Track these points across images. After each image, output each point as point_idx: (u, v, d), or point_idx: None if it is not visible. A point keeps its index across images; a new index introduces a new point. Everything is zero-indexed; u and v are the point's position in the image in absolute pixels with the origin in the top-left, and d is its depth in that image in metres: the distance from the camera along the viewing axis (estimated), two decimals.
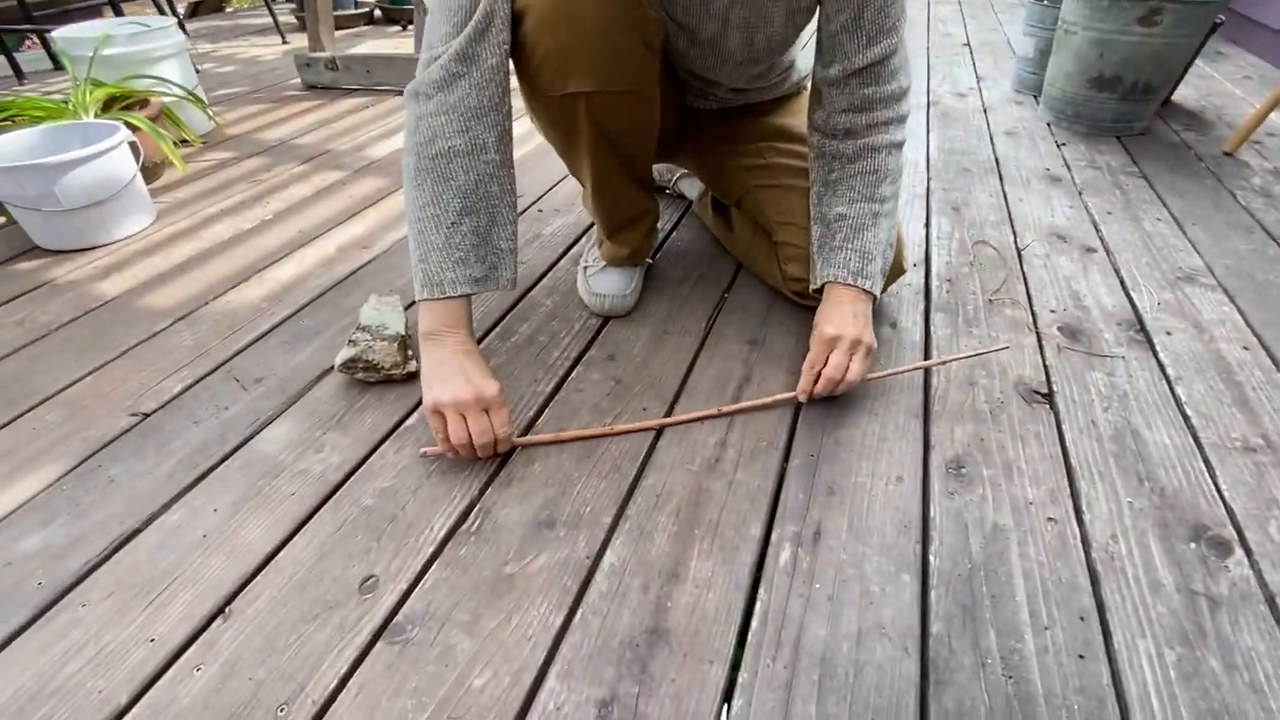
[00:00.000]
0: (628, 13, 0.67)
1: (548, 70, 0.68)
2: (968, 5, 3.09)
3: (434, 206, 0.67)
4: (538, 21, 0.65)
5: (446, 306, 0.68)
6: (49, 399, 0.80)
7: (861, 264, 0.75)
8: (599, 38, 0.66)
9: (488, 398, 0.66)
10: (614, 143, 0.78)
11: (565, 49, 0.67)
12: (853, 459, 0.70)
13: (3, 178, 1.03)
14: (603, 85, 0.70)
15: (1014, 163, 1.42)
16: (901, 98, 0.74)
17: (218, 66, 2.25)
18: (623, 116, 0.75)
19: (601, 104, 0.72)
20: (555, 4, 0.64)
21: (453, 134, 0.65)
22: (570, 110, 0.72)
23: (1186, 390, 0.79)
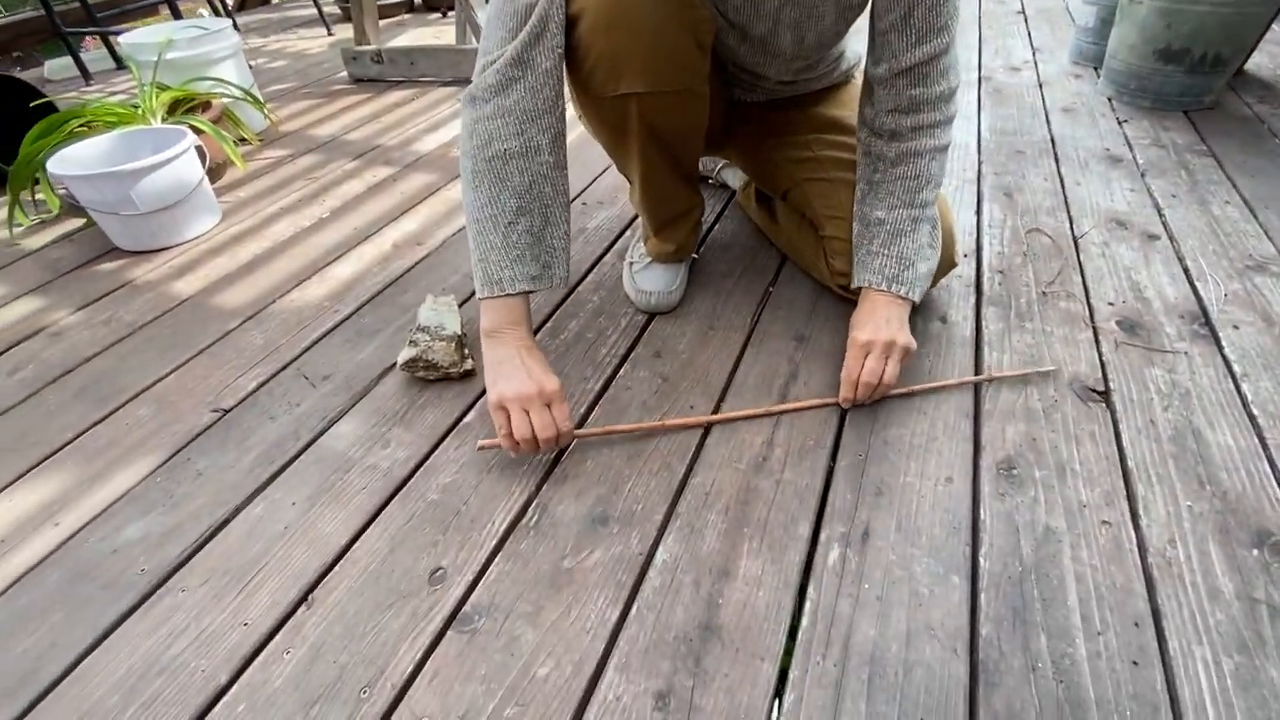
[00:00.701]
0: (680, 13, 0.67)
1: (600, 72, 0.69)
2: None
3: (491, 207, 0.69)
4: (591, 25, 0.66)
5: (506, 304, 0.71)
6: (139, 395, 0.87)
7: (898, 270, 0.75)
8: (651, 39, 0.67)
9: (549, 392, 0.68)
10: (663, 142, 0.79)
11: (617, 51, 0.67)
12: (901, 459, 0.71)
13: (84, 185, 1.10)
14: (654, 86, 0.71)
15: (1071, 142, 1.36)
16: (949, 99, 0.73)
17: (269, 62, 2.31)
18: (673, 116, 0.76)
19: (653, 104, 0.73)
20: (608, 7, 0.64)
21: (508, 136, 0.67)
22: (622, 110, 0.74)
23: (1253, 388, 0.77)
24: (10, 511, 0.72)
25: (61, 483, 0.75)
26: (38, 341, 0.98)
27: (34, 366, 0.93)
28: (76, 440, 0.81)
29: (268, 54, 2.43)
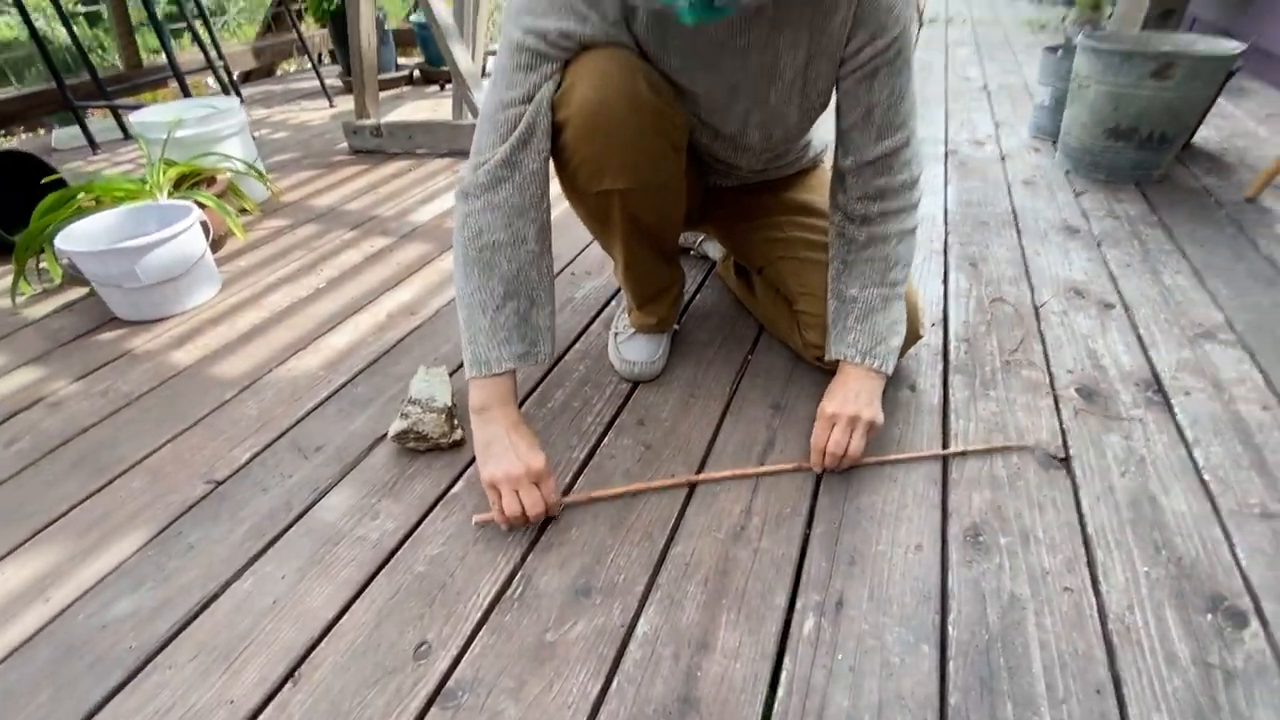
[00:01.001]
0: (656, 120, 0.74)
1: (585, 171, 0.76)
2: (985, 46, 3.15)
3: (481, 293, 0.74)
4: (576, 131, 0.72)
5: (494, 383, 0.75)
6: (134, 466, 0.89)
7: (871, 344, 0.80)
8: (631, 143, 0.74)
9: (535, 470, 0.72)
10: (644, 229, 0.85)
11: (600, 154, 0.74)
12: (873, 526, 0.74)
13: (91, 260, 1.14)
14: (634, 183, 0.77)
15: (1032, 214, 1.45)
16: (912, 186, 0.79)
17: (272, 133, 2.41)
18: (653, 207, 0.82)
19: (634, 198, 0.79)
20: (592, 114, 0.71)
21: (498, 229, 0.73)
22: (605, 204, 0.80)
23: (1204, 454, 0.81)
24: (2, 586, 0.73)
25: (54, 556, 0.76)
26: (36, 412, 1.01)
27: (31, 437, 0.95)
28: (70, 512, 0.82)
29: (271, 125, 2.54)
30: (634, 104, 0.71)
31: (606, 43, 0.71)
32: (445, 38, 1.84)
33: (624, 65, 0.70)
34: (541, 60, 0.70)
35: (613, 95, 0.70)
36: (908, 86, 0.75)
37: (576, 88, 0.70)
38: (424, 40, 3.02)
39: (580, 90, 0.70)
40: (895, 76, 0.74)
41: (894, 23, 0.71)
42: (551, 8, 0.68)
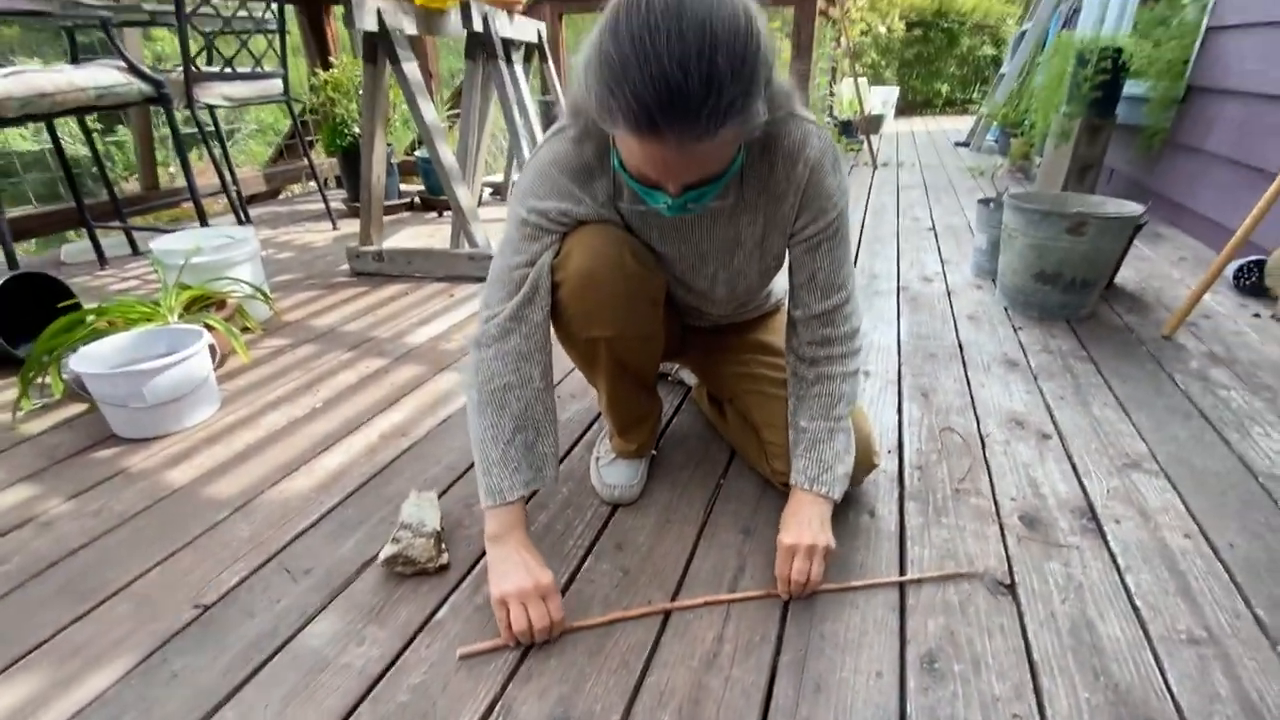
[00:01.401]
0: (639, 284, 0.87)
1: (576, 322, 0.88)
2: (932, 189, 3.52)
3: (493, 429, 0.84)
4: (571, 290, 0.85)
5: (507, 510, 0.84)
6: (121, 590, 0.91)
7: (818, 472, 0.89)
8: (616, 301, 0.86)
9: (544, 586, 0.79)
10: (626, 367, 0.96)
11: (590, 308, 0.86)
12: (837, 653, 0.79)
13: (102, 381, 1.21)
14: (619, 332, 0.89)
15: (976, 347, 1.60)
16: (853, 336, 0.92)
17: (276, 253, 2.57)
18: (634, 351, 0.94)
19: (617, 344, 0.91)
20: (584, 280, 0.84)
21: (507, 373, 0.84)
22: (593, 348, 0.92)
23: (1135, 580, 0.89)
24: None
25: (34, 686, 0.77)
26: (27, 531, 1.03)
27: (20, 558, 0.97)
28: (54, 638, 0.83)
29: (276, 245, 2.70)
30: (620, 271, 0.84)
31: (597, 219, 0.85)
32: (449, 179, 2.04)
33: (612, 239, 0.84)
34: (543, 233, 0.84)
35: (602, 264, 0.83)
36: (845, 255, 0.89)
37: (573, 256, 0.83)
38: (425, 171, 3.29)
39: (575, 259, 0.83)
40: (835, 249, 0.88)
41: (832, 207, 0.86)
42: (551, 192, 0.83)
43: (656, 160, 0.65)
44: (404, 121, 3.63)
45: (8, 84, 1.66)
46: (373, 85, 2.00)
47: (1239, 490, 1.07)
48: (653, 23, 0.57)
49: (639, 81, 0.58)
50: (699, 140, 0.61)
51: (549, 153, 0.83)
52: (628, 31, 0.58)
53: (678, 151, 0.62)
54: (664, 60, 0.57)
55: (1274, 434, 1.22)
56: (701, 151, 0.64)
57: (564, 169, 0.82)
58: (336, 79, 2.99)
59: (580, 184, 0.83)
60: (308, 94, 3.40)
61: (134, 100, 1.98)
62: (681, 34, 0.57)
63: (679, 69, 0.57)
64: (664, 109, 0.58)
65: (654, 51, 0.57)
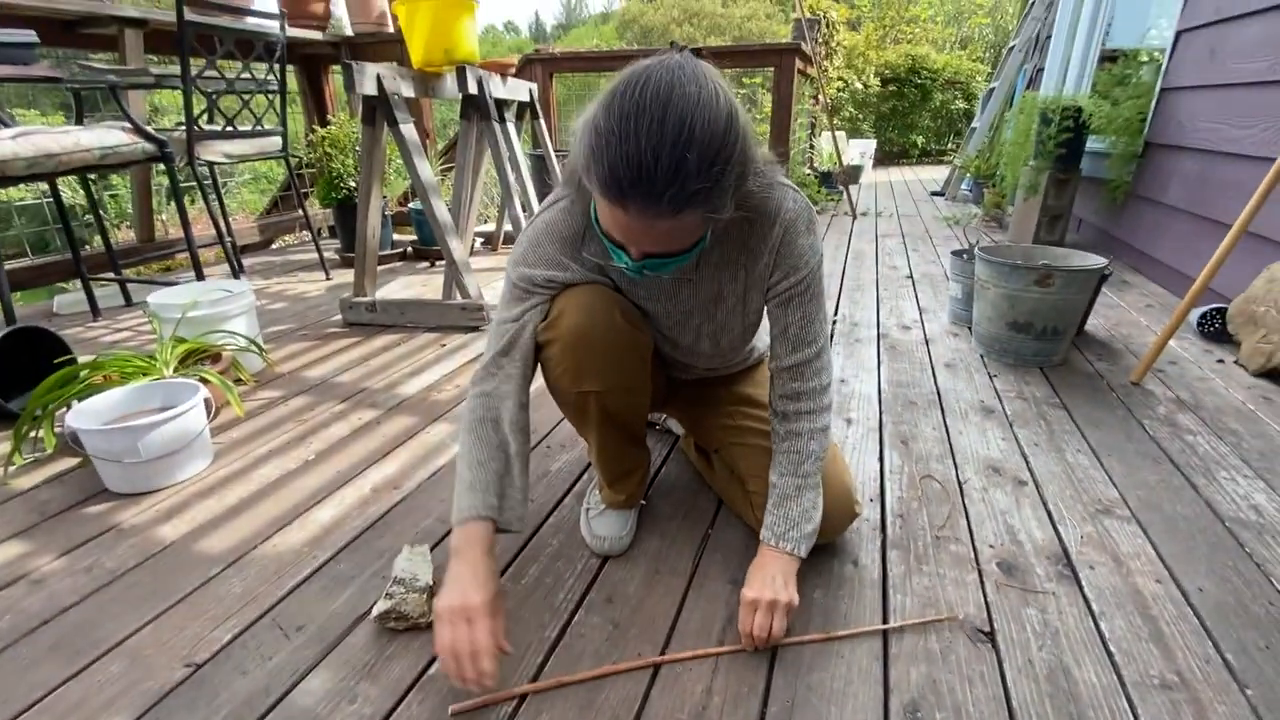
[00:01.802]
0: (627, 340, 0.92)
1: (568, 377, 0.93)
2: (909, 238, 3.65)
3: (469, 455, 0.89)
4: (563, 348, 0.90)
5: (468, 529, 0.84)
6: (113, 649, 0.91)
7: (785, 529, 0.93)
8: (606, 356, 0.91)
9: (471, 606, 0.77)
10: (615, 419, 1.00)
11: (581, 364, 0.91)
12: (823, 704, 0.80)
13: (97, 437, 1.22)
14: (608, 387, 0.94)
15: (953, 395, 1.65)
16: (822, 392, 0.96)
17: (269, 304, 2.60)
18: (622, 404, 0.98)
19: (607, 398, 0.95)
20: (576, 337, 0.89)
21: (485, 410, 0.90)
22: (584, 401, 0.96)
23: (1109, 626, 0.92)
24: None
25: None
26: (18, 589, 1.03)
27: (10, 617, 0.97)
28: (45, 700, 0.83)
29: (269, 295, 2.74)
30: (610, 328, 0.90)
31: (586, 281, 0.90)
32: (443, 233, 2.11)
33: (603, 298, 0.90)
34: (529, 295, 0.91)
35: (593, 322, 0.89)
36: (817, 312, 0.95)
37: (566, 315, 0.89)
38: (418, 222, 3.37)
39: (568, 317, 0.89)
40: (806, 305, 0.93)
41: (804, 265, 0.91)
42: (539, 261, 0.90)
43: (621, 225, 0.71)
44: (398, 172, 3.74)
45: (16, 146, 1.72)
46: (370, 145, 2.08)
47: (1207, 535, 1.11)
48: (641, 106, 0.64)
49: (615, 155, 0.65)
50: (658, 218, 0.68)
51: (543, 222, 0.91)
52: (619, 108, 0.65)
53: (639, 222, 0.69)
54: (640, 143, 0.64)
55: (1239, 478, 1.27)
56: (661, 228, 0.70)
57: (554, 239, 0.90)
58: (334, 135, 3.09)
59: (569, 252, 0.90)
60: (305, 149, 3.51)
61: (138, 159, 2.04)
62: (663, 122, 0.64)
63: (651, 154, 0.63)
64: (632, 184, 0.65)
65: (634, 132, 0.64)
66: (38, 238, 3.29)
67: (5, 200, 3.73)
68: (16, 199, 3.83)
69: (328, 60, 3.76)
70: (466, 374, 1.85)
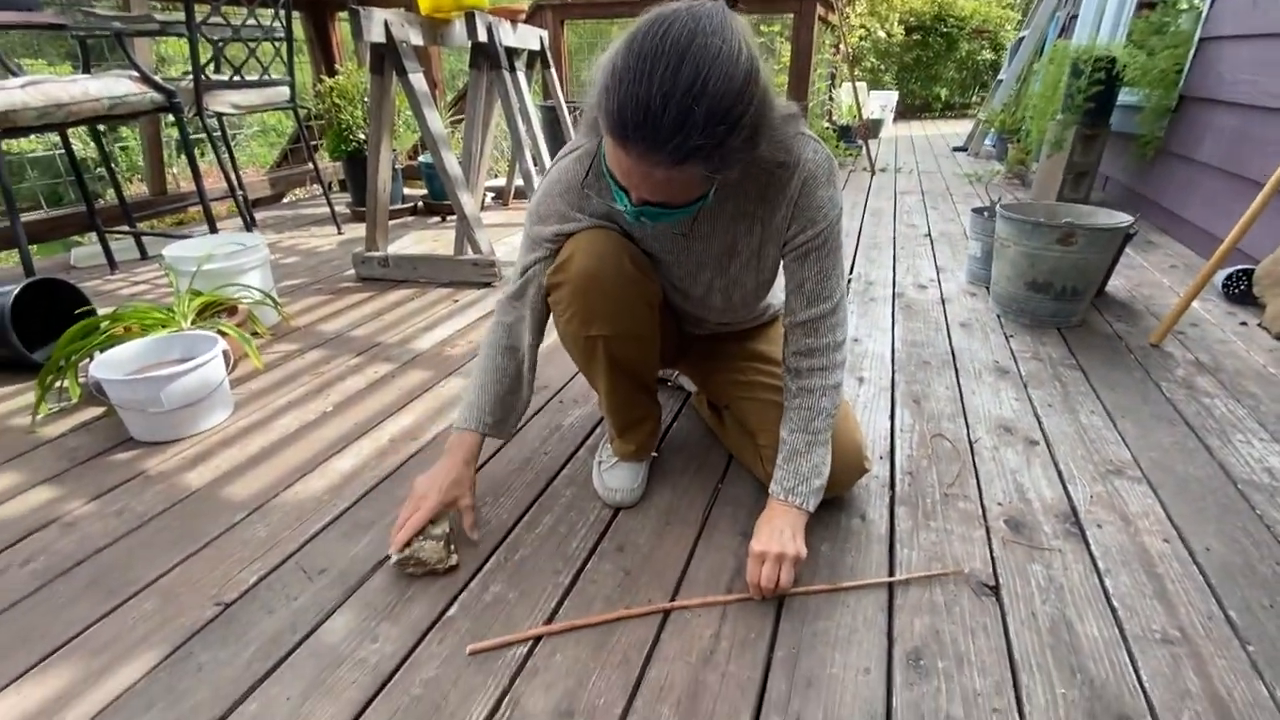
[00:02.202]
0: (636, 286, 0.92)
1: (577, 320, 0.95)
2: (929, 195, 3.56)
3: (477, 371, 1.03)
4: (572, 291, 0.92)
5: (461, 436, 1.01)
6: (146, 587, 0.95)
7: (794, 483, 0.93)
8: (614, 301, 0.93)
9: (428, 495, 0.97)
10: (622, 366, 1.01)
11: (591, 308, 0.93)
12: (828, 650, 0.83)
13: (121, 386, 1.25)
14: (616, 331, 0.95)
15: (968, 355, 1.64)
16: (836, 349, 0.95)
17: (283, 258, 2.61)
18: (630, 350, 1.00)
19: (615, 343, 0.97)
20: (586, 281, 0.90)
21: (500, 337, 1.02)
22: (592, 346, 0.97)
23: (1114, 582, 0.93)
24: (18, 706, 0.77)
25: (68, 678, 0.81)
26: (51, 531, 1.07)
27: (46, 557, 1.01)
28: (83, 634, 0.87)
29: (282, 250, 2.74)
30: (619, 273, 0.90)
31: (596, 227, 0.91)
32: (454, 187, 2.08)
33: (613, 244, 0.91)
34: (538, 247, 0.95)
35: (603, 266, 0.90)
36: (834, 267, 0.93)
37: (575, 259, 0.90)
38: (429, 176, 3.33)
39: (578, 261, 0.90)
40: (823, 259, 0.92)
41: (822, 218, 0.89)
42: (550, 214, 0.94)
43: (623, 166, 0.71)
44: (407, 125, 3.68)
45: (26, 95, 1.70)
46: (380, 95, 2.04)
47: (1218, 496, 1.11)
48: (659, 50, 0.63)
49: (626, 94, 0.64)
50: (657, 166, 0.67)
51: (556, 173, 0.92)
52: (638, 49, 0.64)
53: (639, 166, 0.68)
54: (651, 86, 0.63)
55: (1255, 441, 1.26)
56: (659, 176, 0.69)
57: (563, 191, 0.92)
58: (342, 86, 3.03)
59: (577, 202, 0.91)
60: (313, 100, 3.45)
61: (146, 110, 2.02)
62: (678, 71, 0.62)
63: (660, 100, 0.63)
64: (636, 126, 0.65)
65: (647, 74, 0.63)
66: (50, 190, 3.29)
67: (18, 152, 3.72)
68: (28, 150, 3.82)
69: (334, 6, 3.65)
70: (479, 330, 1.86)
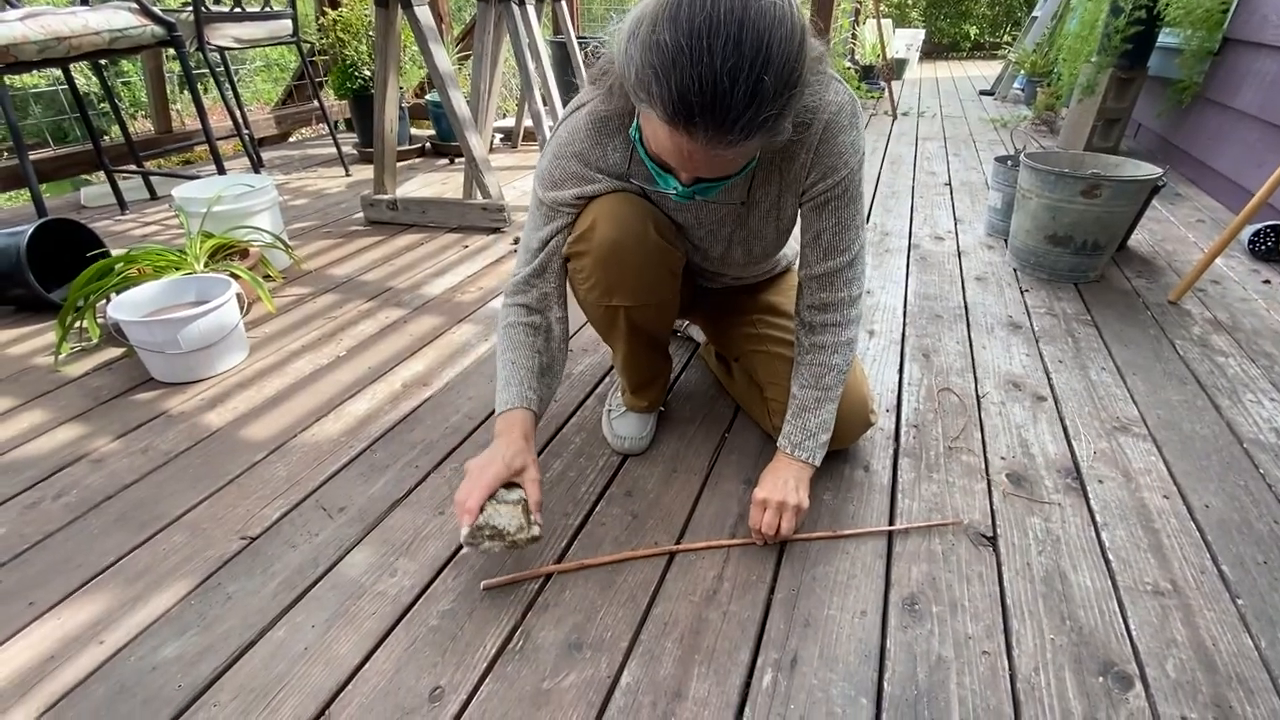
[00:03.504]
0: (660, 255, 0.91)
1: (598, 290, 0.93)
2: (951, 141, 3.45)
3: (504, 355, 0.94)
4: (594, 261, 0.90)
5: (510, 415, 0.90)
6: (174, 521, 0.99)
7: (801, 438, 0.94)
8: (637, 272, 0.91)
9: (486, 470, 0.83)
10: (641, 332, 1.01)
11: (612, 278, 0.91)
12: (826, 594, 0.86)
13: (140, 328, 1.27)
14: (638, 301, 0.94)
15: (981, 309, 1.62)
16: (852, 303, 0.94)
17: (291, 199, 2.59)
18: (650, 318, 0.99)
19: (636, 312, 0.96)
20: (609, 251, 0.88)
21: (522, 316, 0.94)
22: (613, 314, 0.97)
23: (1110, 536, 0.95)
24: (59, 629, 0.82)
25: (105, 604, 0.86)
26: (81, 467, 1.11)
27: (78, 492, 1.05)
28: (118, 563, 0.92)
29: (289, 191, 2.71)
30: (643, 244, 0.88)
31: (616, 189, 0.88)
32: (462, 128, 2.04)
33: (638, 211, 0.88)
34: (557, 214, 0.90)
35: (627, 236, 0.87)
36: (853, 219, 0.91)
37: (598, 227, 0.87)
38: (436, 116, 3.26)
39: (601, 229, 0.87)
40: (841, 210, 0.90)
41: (843, 165, 0.87)
42: (565, 178, 0.88)
43: (681, 152, 0.66)
44: (414, 61, 3.56)
45: (25, 28, 1.66)
46: (385, 29, 1.97)
47: (1222, 454, 1.12)
48: (714, 21, 0.57)
49: (686, 76, 0.58)
50: (726, 145, 0.63)
51: (567, 132, 0.87)
52: (688, 22, 0.58)
53: (704, 149, 0.64)
54: (715, 63, 0.57)
55: (1265, 401, 1.26)
56: (726, 155, 0.65)
57: (578, 152, 0.87)
58: (346, 19, 2.93)
59: (594, 162, 0.87)
60: (316, 34, 3.34)
61: (147, 43, 1.97)
62: (739, 43, 0.57)
63: (727, 77, 0.58)
64: (703, 110, 0.59)
65: (708, 51, 0.57)
66: (55, 127, 3.24)
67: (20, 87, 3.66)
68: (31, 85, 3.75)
69: None
70: (489, 276, 1.85)
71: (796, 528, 0.92)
